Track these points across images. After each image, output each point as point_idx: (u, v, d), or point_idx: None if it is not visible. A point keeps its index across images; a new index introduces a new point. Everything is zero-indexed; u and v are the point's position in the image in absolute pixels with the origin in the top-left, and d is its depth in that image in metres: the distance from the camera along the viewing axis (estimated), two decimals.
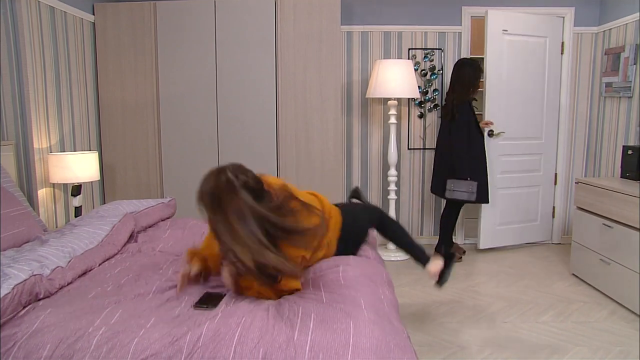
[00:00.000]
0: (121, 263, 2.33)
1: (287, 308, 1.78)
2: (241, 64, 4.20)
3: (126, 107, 4.28)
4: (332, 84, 4.22)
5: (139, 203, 3.19)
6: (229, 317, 1.70)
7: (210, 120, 4.27)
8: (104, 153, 4.32)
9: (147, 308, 1.80)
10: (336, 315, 1.69)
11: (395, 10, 4.73)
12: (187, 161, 4.31)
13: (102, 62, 4.21)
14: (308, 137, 4.28)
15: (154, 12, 4.17)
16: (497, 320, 3.21)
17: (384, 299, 2.00)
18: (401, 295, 3.65)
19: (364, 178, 4.93)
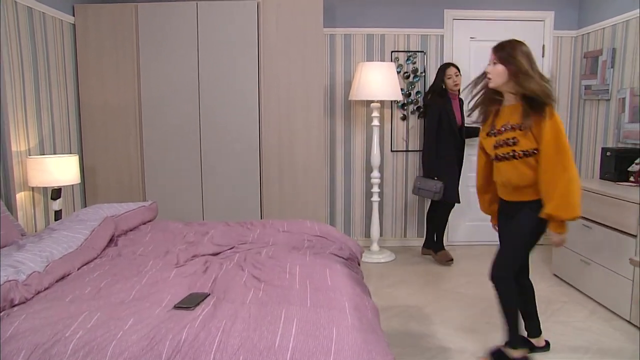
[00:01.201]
0: (100, 267, 2.30)
1: (270, 312, 1.77)
2: (224, 67, 4.19)
3: (107, 110, 4.23)
4: (315, 86, 4.22)
5: (119, 206, 3.16)
6: (210, 321, 1.69)
7: (192, 122, 4.25)
8: (85, 155, 4.27)
9: (126, 310, 1.78)
10: (319, 321, 1.68)
11: (378, 12, 4.75)
12: (169, 163, 4.27)
13: (82, 64, 4.16)
14: (291, 139, 4.27)
15: (136, 14, 4.14)
16: (479, 322, 3.23)
17: (368, 305, 2.00)
18: (385, 297, 3.66)
19: (347, 180, 4.94)
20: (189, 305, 1.84)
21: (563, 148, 2.29)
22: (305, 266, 2.24)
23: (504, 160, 2.48)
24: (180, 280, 2.10)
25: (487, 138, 2.56)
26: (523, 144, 2.37)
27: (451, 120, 4.30)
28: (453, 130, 4.31)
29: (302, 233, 2.87)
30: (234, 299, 1.90)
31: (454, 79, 4.28)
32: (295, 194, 4.31)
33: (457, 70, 4.31)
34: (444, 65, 4.35)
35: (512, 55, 2.37)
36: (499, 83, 2.44)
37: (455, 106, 4.35)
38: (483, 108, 2.61)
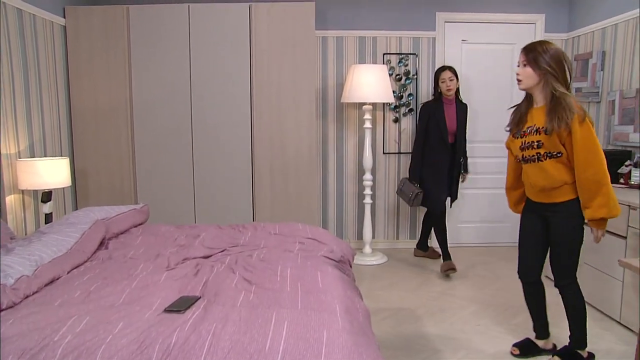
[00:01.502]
0: (90, 270, 2.28)
1: (261, 314, 1.76)
2: (215, 69, 4.18)
3: (99, 112, 4.21)
4: (307, 89, 4.22)
5: (110, 209, 3.14)
6: (200, 324, 1.68)
7: (184, 124, 4.24)
8: (76, 158, 4.24)
9: (115, 314, 1.77)
10: (310, 323, 1.67)
11: (370, 15, 4.76)
12: (161, 166, 4.26)
13: (73, 66, 4.14)
14: (283, 142, 4.27)
15: (127, 16, 4.13)
16: (470, 323, 3.24)
17: (359, 308, 2.00)
18: (377, 299, 3.66)
19: (340, 182, 4.94)
20: (180, 309, 1.83)
21: (597, 151, 2.32)
22: (297, 269, 2.24)
23: (530, 162, 2.50)
24: (171, 284, 2.09)
25: (514, 140, 2.58)
26: (547, 146, 2.40)
27: (441, 126, 4.17)
28: (442, 137, 4.18)
29: (293, 236, 2.86)
30: (224, 301, 1.89)
31: (447, 83, 4.14)
32: (287, 196, 4.31)
33: (452, 74, 4.15)
34: (439, 69, 4.25)
35: (541, 57, 2.38)
36: (529, 85, 2.46)
37: (449, 111, 4.22)
38: (517, 112, 2.61)
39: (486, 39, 4.88)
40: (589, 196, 2.35)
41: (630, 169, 3.64)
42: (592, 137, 2.32)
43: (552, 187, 2.46)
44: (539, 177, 2.48)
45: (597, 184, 2.32)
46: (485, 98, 4.92)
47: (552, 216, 2.52)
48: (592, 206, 2.35)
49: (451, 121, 4.22)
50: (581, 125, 2.31)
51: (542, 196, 2.54)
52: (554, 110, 2.35)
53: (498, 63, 4.91)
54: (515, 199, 2.80)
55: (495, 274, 4.23)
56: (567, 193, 2.44)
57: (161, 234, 2.95)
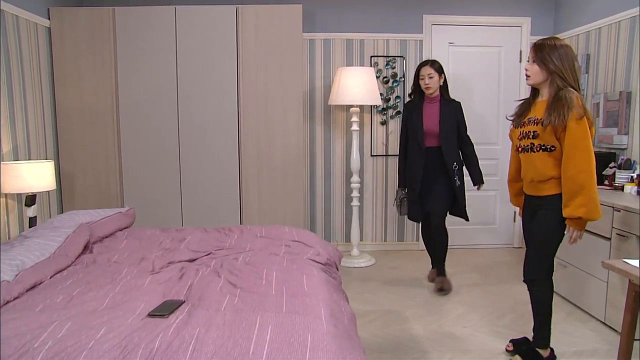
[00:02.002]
0: (74, 275, 2.26)
1: (245, 318, 1.75)
2: (202, 71, 4.16)
3: (85, 114, 4.17)
4: (294, 91, 4.21)
5: (95, 213, 3.12)
6: (184, 329, 1.67)
7: (171, 127, 4.21)
8: (61, 161, 4.20)
9: (98, 319, 1.75)
10: (294, 328, 1.67)
11: (358, 17, 4.77)
12: (147, 169, 4.23)
13: (58, 68, 4.10)
14: (270, 144, 4.26)
15: (113, 18, 4.10)
16: (458, 325, 3.25)
17: (344, 311, 2.00)
18: (364, 301, 3.66)
19: (327, 185, 4.94)
20: (163, 313, 1.82)
21: (586, 150, 2.32)
22: (282, 272, 2.23)
23: (524, 152, 2.54)
24: (155, 288, 2.08)
25: (515, 130, 2.62)
26: (542, 138, 2.42)
27: (416, 127, 3.81)
28: (416, 139, 3.82)
29: (280, 239, 2.85)
30: (209, 305, 1.88)
31: (425, 80, 3.75)
32: (274, 199, 4.30)
33: (431, 71, 3.74)
34: (419, 65, 3.88)
35: (548, 56, 2.39)
36: (537, 81, 2.49)
37: (430, 111, 3.81)
38: (524, 104, 2.63)
39: (473, 41, 4.91)
40: (571, 194, 2.36)
41: (614, 171, 3.68)
42: (585, 136, 2.32)
43: (539, 179, 2.49)
44: (529, 168, 2.52)
45: (580, 183, 2.32)
46: (472, 100, 4.94)
47: (538, 209, 2.55)
48: (571, 205, 2.36)
49: (431, 122, 3.79)
50: (577, 123, 2.31)
51: (532, 188, 2.57)
52: (554, 105, 2.37)
53: (485, 66, 4.94)
54: (515, 191, 2.83)
55: (484, 276, 4.25)
56: (553, 187, 2.46)
57: (146, 238, 2.92)
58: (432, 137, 3.79)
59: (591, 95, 4.25)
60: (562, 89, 2.37)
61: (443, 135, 3.76)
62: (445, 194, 3.80)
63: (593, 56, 4.25)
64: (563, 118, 2.32)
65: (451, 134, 3.79)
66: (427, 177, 3.84)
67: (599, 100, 4.08)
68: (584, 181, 2.32)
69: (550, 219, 2.48)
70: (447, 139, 3.78)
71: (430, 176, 3.83)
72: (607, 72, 4.07)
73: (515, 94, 4.95)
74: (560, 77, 2.38)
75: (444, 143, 3.76)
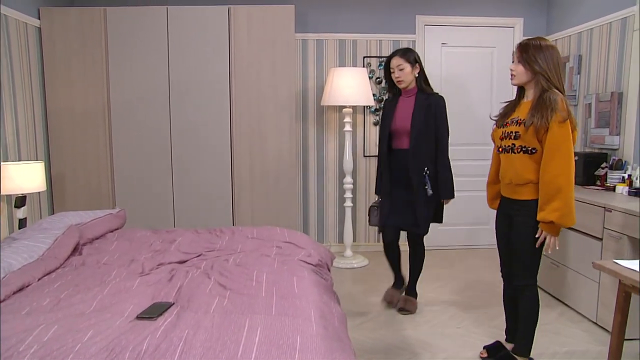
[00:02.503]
0: (62, 277, 2.24)
1: (234, 320, 1.74)
2: (194, 72, 4.15)
3: (76, 115, 4.14)
4: (287, 92, 4.20)
5: (85, 214, 3.10)
6: (172, 331, 1.66)
7: (163, 127, 4.19)
8: (52, 162, 4.17)
9: (85, 322, 1.73)
10: (283, 330, 1.66)
11: (350, 18, 4.77)
12: (139, 169, 4.21)
13: (49, 68, 4.08)
14: (262, 145, 4.24)
15: (104, 17, 4.07)
16: (450, 326, 3.24)
17: (335, 313, 1.99)
18: (357, 303, 3.65)
19: (320, 185, 4.93)
20: (152, 315, 1.81)
21: (566, 154, 2.29)
22: (273, 274, 2.22)
23: (504, 153, 2.51)
24: (144, 290, 2.06)
25: (497, 130, 2.59)
26: (524, 139, 2.39)
27: (385, 125, 3.36)
28: (386, 138, 3.36)
29: (271, 240, 2.84)
30: (197, 308, 1.86)
31: (396, 73, 3.26)
32: (267, 200, 4.28)
33: (401, 62, 3.23)
34: (389, 56, 3.35)
35: (533, 57, 2.38)
36: (522, 81, 2.47)
37: (403, 107, 3.30)
38: (509, 104, 2.60)
39: (466, 42, 4.92)
40: (547, 198, 2.32)
41: (606, 171, 3.69)
42: (566, 139, 2.29)
43: (517, 182, 2.46)
44: (508, 169, 2.49)
45: (557, 187, 2.29)
46: (465, 101, 4.95)
47: (515, 214, 2.51)
48: (546, 209, 2.33)
49: (402, 119, 3.26)
50: (560, 125, 2.28)
51: (509, 191, 2.54)
52: (538, 106, 2.35)
53: (477, 66, 4.95)
54: (493, 194, 2.79)
55: (476, 276, 4.25)
56: (531, 192, 2.43)
57: (137, 239, 2.90)
58: (404, 137, 3.27)
59: (583, 96, 4.27)
60: (547, 90, 2.35)
61: (414, 134, 3.20)
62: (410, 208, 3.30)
63: (585, 57, 4.26)
64: (546, 120, 2.30)
65: (423, 133, 3.21)
66: (399, 184, 3.32)
67: (591, 101, 4.09)
68: (561, 185, 2.28)
69: (530, 223, 2.43)
70: (418, 138, 3.21)
71: (404, 183, 3.29)
72: (598, 73, 4.08)
73: (508, 94, 4.94)
74: (545, 77, 2.36)
75: (413, 143, 3.20)
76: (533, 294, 2.54)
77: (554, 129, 2.29)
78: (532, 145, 2.38)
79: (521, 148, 2.41)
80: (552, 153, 2.30)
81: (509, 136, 2.46)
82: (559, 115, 2.28)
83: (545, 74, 2.36)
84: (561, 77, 2.40)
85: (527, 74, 2.42)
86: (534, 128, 2.34)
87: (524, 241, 2.47)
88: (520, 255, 2.51)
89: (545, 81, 2.36)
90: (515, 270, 2.56)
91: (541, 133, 2.33)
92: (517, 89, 2.58)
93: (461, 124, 4.96)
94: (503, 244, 2.67)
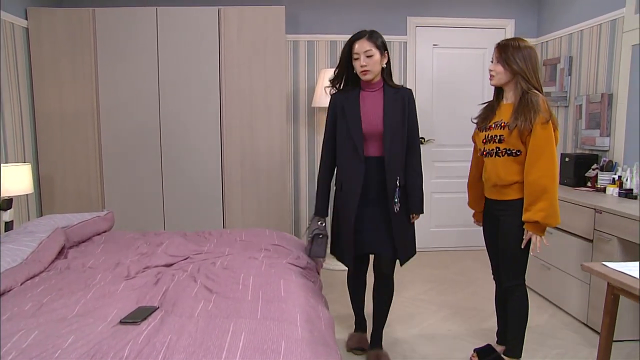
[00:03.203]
0: (46, 281, 2.20)
1: (218, 325, 1.71)
2: (184, 73, 4.12)
3: (64, 116, 4.10)
4: (277, 93, 4.18)
5: (73, 217, 3.05)
6: (155, 336, 1.63)
7: (152, 129, 4.15)
8: (41, 164, 4.13)
9: (67, 327, 1.70)
10: (268, 334, 1.64)
11: (341, 19, 4.75)
12: (129, 171, 4.17)
13: (37, 69, 4.03)
14: (253, 147, 4.22)
15: (93, 18, 4.04)
16: (441, 329, 3.23)
17: (322, 317, 1.97)
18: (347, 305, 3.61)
19: (312, 187, 4.90)
20: (135, 320, 1.78)
21: (550, 155, 2.29)
22: (260, 277, 2.19)
23: (488, 156, 2.49)
24: (129, 294, 2.03)
25: (479, 133, 2.57)
26: (508, 142, 2.38)
27: (350, 127, 2.58)
28: (352, 142, 2.58)
29: (259, 242, 2.81)
30: (182, 312, 1.84)
31: (362, 60, 2.53)
32: (258, 201, 4.26)
33: (369, 46, 2.52)
34: (351, 39, 2.60)
35: (512, 56, 2.37)
36: (501, 82, 2.46)
37: (371, 103, 2.61)
38: (488, 106, 2.59)
39: (457, 43, 4.91)
40: (532, 199, 2.32)
41: (597, 173, 3.69)
42: (550, 141, 2.30)
43: (502, 184, 2.45)
44: (492, 172, 2.48)
45: (542, 187, 2.29)
46: (456, 102, 4.94)
47: (502, 215, 2.50)
48: (532, 209, 2.33)
49: (373, 119, 2.58)
50: (542, 127, 2.29)
51: (495, 193, 2.53)
52: (521, 109, 2.34)
53: (469, 67, 4.94)
54: (474, 196, 2.77)
55: (468, 278, 4.24)
56: (516, 192, 2.42)
57: (124, 242, 2.87)
58: (373, 142, 2.60)
59: (574, 97, 4.27)
60: (528, 92, 2.35)
61: (388, 138, 2.56)
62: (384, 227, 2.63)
63: (575, 58, 4.26)
64: (529, 122, 2.30)
65: (399, 136, 2.60)
66: (366, 201, 2.62)
67: (582, 102, 4.09)
68: (546, 185, 2.28)
69: (516, 223, 2.42)
70: (394, 143, 2.58)
71: (370, 199, 2.62)
72: (589, 74, 4.08)
73: None
74: (524, 78, 2.36)
75: (389, 148, 2.56)
76: (522, 293, 2.53)
77: (538, 130, 2.29)
78: (517, 147, 2.37)
79: (506, 151, 2.40)
80: (537, 154, 2.30)
81: (492, 140, 2.45)
82: (542, 117, 2.29)
83: (524, 75, 2.36)
84: (539, 78, 2.41)
85: (506, 74, 2.41)
86: (517, 131, 2.33)
87: (511, 241, 2.46)
88: (507, 255, 2.50)
89: (524, 82, 2.36)
90: (503, 271, 2.54)
91: (525, 135, 2.33)
92: (494, 90, 2.57)
93: (452, 125, 4.96)
94: (492, 246, 2.66)
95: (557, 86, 4.47)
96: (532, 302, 3.63)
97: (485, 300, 3.71)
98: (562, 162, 3.97)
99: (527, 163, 2.34)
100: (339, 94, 2.69)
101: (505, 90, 2.48)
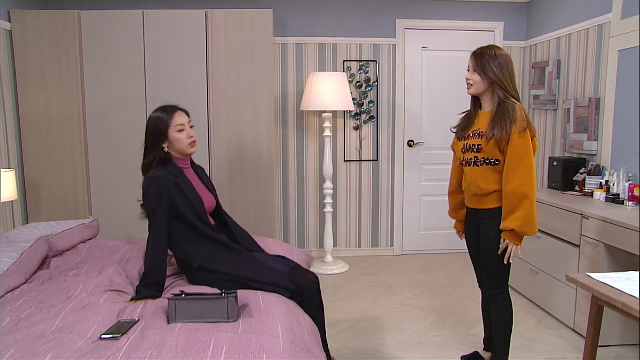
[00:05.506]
0: (26, 293, 2.17)
1: (199, 339, 1.69)
2: (171, 77, 4.08)
3: (50, 121, 4.06)
4: (266, 97, 4.15)
5: (57, 225, 3.01)
6: (135, 352, 1.62)
7: (139, 134, 4.08)
8: (26, 170, 4.08)
9: (45, 344, 1.67)
10: (249, 348, 1.62)
11: (331, 22, 4.73)
12: (116, 177, 4.13)
13: (21, 73, 3.99)
14: (241, 151, 4.19)
15: (79, 21, 3.99)
16: (429, 334, 3.22)
17: (304, 325, 1.95)
18: (336, 310, 3.61)
19: (301, 191, 4.89)
20: (116, 335, 1.76)
21: (528, 164, 2.29)
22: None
23: (467, 166, 2.48)
24: (110, 307, 2.00)
25: (458, 143, 2.57)
26: (486, 151, 2.37)
27: (195, 204, 2.44)
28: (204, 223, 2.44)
29: None
30: (162, 325, 1.81)
31: (188, 130, 2.55)
32: (247, 205, 4.23)
33: (189, 118, 2.56)
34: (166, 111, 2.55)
35: (488, 65, 2.36)
36: (479, 91, 2.45)
37: (194, 180, 2.62)
38: (467, 116, 2.58)
39: (446, 46, 4.91)
40: (511, 207, 2.31)
41: (585, 177, 3.69)
42: (527, 149, 2.29)
43: (482, 193, 2.44)
44: (472, 181, 2.46)
45: (520, 197, 2.28)
46: (445, 105, 4.93)
47: (482, 224, 2.49)
48: (509, 218, 2.32)
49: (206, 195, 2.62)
50: (520, 136, 2.28)
51: (475, 201, 2.52)
52: (497, 118, 2.33)
53: (458, 70, 4.92)
54: (454, 204, 2.76)
55: (457, 282, 4.23)
56: (496, 201, 2.41)
57: (108, 250, 2.83)
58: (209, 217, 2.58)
59: (562, 101, 4.27)
60: (505, 100, 2.34)
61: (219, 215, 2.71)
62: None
63: (564, 62, 4.26)
64: (507, 132, 2.29)
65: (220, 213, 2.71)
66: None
67: (570, 106, 4.10)
68: (525, 194, 2.28)
69: (497, 233, 2.40)
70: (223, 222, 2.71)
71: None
72: (577, 78, 4.09)
73: None
74: (501, 87, 2.35)
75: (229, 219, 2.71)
76: (506, 301, 2.52)
77: (515, 139, 2.28)
78: (495, 157, 2.36)
79: (484, 160, 2.39)
80: (515, 163, 2.29)
81: (471, 149, 2.44)
82: (519, 126, 2.28)
83: (502, 83, 2.35)
84: (516, 86, 2.40)
85: (483, 83, 2.40)
86: (495, 140, 2.32)
87: (491, 250, 2.44)
88: (489, 264, 2.49)
89: (501, 91, 2.35)
90: (486, 280, 2.54)
91: (503, 144, 2.32)
92: (471, 99, 2.56)
93: (441, 128, 4.92)
94: (475, 255, 2.65)
95: (545, 89, 4.48)
96: (520, 307, 3.64)
97: (474, 304, 3.71)
98: (551, 166, 3.97)
99: (505, 171, 2.33)
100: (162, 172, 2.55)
101: (483, 100, 2.47)
